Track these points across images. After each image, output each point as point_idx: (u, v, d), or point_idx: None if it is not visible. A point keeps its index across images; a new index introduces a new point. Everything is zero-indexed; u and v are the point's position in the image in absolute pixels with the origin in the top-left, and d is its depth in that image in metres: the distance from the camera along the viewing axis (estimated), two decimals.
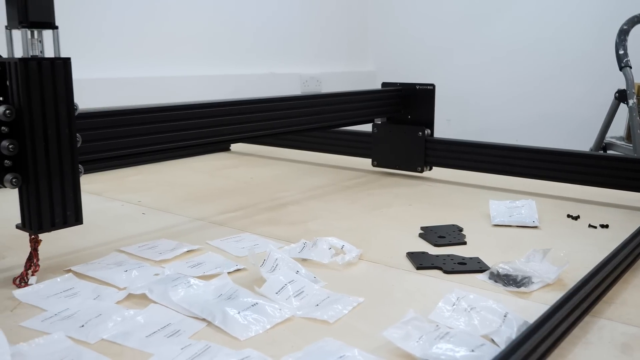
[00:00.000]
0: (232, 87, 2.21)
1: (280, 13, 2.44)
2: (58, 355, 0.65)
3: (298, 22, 2.53)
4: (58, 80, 0.83)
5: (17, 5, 0.79)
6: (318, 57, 2.64)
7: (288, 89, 2.45)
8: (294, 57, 2.52)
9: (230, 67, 2.27)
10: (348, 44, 2.82)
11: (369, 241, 1.04)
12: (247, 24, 2.31)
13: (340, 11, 2.74)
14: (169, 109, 1.03)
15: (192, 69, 2.12)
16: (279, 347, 0.67)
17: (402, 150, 1.57)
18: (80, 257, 0.97)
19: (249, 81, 2.29)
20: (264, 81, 2.35)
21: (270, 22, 2.40)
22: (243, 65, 2.32)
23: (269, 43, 2.41)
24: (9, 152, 0.81)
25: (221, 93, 2.15)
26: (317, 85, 2.57)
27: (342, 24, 2.77)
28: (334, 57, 2.74)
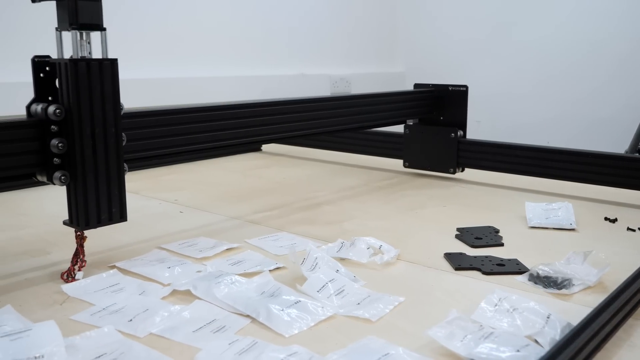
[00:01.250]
0: (263, 87, 2.23)
1: (310, 14, 2.45)
2: (109, 348, 0.66)
3: (328, 23, 2.54)
4: (105, 81, 0.85)
5: (68, 8, 0.81)
6: (348, 58, 2.65)
7: (318, 89, 2.46)
8: (324, 58, 2.54)
9: (262, 68, 2.28)
10: (377, 45, 2.82)
11: (406, 242, 1.04)
12: (278, 25, 2.33)
13: (370, 12, 2.75)
14: (209, 109, 1.04)
15: (224, 69, 2.14)
16: (323, 344, 0.68)
17: (434, 151, 1.57)
18: (123, 254, 0.99)
19: (279, 82, 2.30)
20: (294, 82, 2.37)
21: (301, 24, 2.42)
22: (274, 66, 2.33)
23: (300, 44, 2.43)
24: (58, 150, 0.83)
25: (252, 94, 2.17)
26: (346, 86, 2.58)
27: (371, 25, 2.77)
28: (364, 58, 2.74)
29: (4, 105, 1.53)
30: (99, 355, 0.65)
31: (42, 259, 0.97)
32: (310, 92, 2.42)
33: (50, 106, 0.82)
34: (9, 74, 1.57)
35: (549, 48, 2.66)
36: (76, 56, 0.83)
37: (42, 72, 0.85)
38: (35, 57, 0.85)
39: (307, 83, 2.43)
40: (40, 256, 0.98)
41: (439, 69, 2.88)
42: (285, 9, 2.35)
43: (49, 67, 0.85)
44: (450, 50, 2.87)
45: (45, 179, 0.85)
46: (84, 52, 0.84)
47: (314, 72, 2.47)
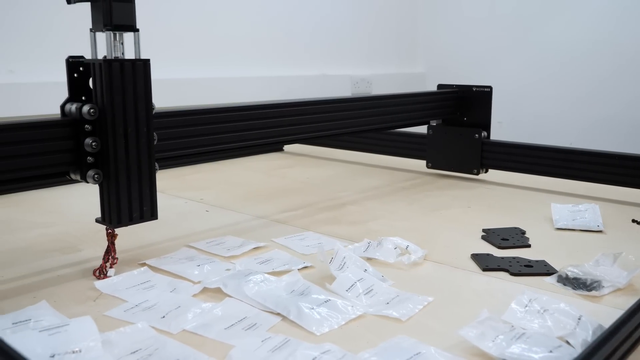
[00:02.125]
0: (285, 88, 2.24)
1: (332, 15, 2.46)
2: (144, 344, 0.67)
3: (349, 24, 2.54)
4: (138, 81, 0.86)
5: (103, 9, 0.83)
6: (368, 58, 2.65)
7: (339, 90, 2.47)
8: (345, 59, 2.54)
9: (284, 68, 2.29)
10: (398, 46, 2.82)
11: (432, 242, 1.05)
12: (300, 26, 2.34)
13: (390, 13, 2.75)
14: (237, 109, 1.05)
15: (247, 70, 2.16)
16: (354, 342, 0.69)
17: (458, 152, 1.57)
18: (152, 252, 1.00)
19: (301, 82, 2.31)
20: (315, 82, 2.37)
21: (322, 25, 2.42)
22: (296, 67, 2.34)
23: (321, 45, 2.43)
24: (92, 149, 0.84)
25: (274, 94, 2.18)
26: (367, 86, 2.58)
27: (392, 25, 2.77)
28: (384, 59, 2.74)
29: (36, 105, 1.56)
30: (134, 350, 0.66)
31: (73, 256, 0.98)
32: (331, 93, 2.42)
33: (84, 106, 0.83)
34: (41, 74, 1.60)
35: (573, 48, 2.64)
36: (110, 56, 0.84)
37: (76, 72, 0.87)
38: (70, 57, 0.86)
39: (329, 83, 2.43)
40: (71, 253, 1.00)
41: (459, 70, 2.87)
42: (306, 10, 2.36)
43: (82, 68, 0.87)
44: (470, 50, 2.86)
45: (78, 177, 0.87)
46: (117, 53, 0.85)
47: (335, 72, 2.48)
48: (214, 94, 1.95)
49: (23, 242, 1.06)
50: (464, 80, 1.66)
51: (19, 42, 1.57)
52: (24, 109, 1.54)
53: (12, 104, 1.53)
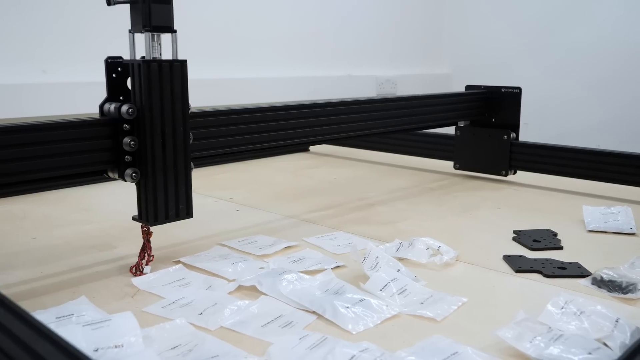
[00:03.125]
0: (311, 88, 2.25)
1: (357, 16, 2.46)
2: (183, 339, 0.69)
3: (375, 24, 2.54)
4: (175, 81, 0.87)
5: (142, 11, 0.84)
6: (393, 59, 2.65)
7: (363, 90, 2.47)
8: (370, 60, 2.54)
9: (309, 69, 2.30)
10: (423, 47, 2.81)
11: (463, 243, 1.04)
12: (325, 27, 2.34)
13: (416, 14, 2.74)
14: (272, 109, 1.06)
15: (272, 70, 2.17)
16: (390, 341, 0.69)
17: (486, 153, 1.56)
18: (186, 249, 1.02)
19: (326, 83, 2.32)
20: (340, 83, 2.38)
21: (348, 25, 2.43)
22: (321, 67, 2.35)
23: (347, 46, 2.44)
24: (130, 148, 0.86)
25: (300, 94, 2.19)
26: (392, 87, 2.58)
27: (418, 26, 2.77)
28: (409, 60, 2.74)
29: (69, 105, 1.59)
30: (174, 346, 0.67)
31: (109, 253, 1.00)
32: (356, 93, 2.42)
33: (123, 105, 0.85)
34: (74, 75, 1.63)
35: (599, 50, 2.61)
36: (148, 57, 0.86)
37: (114, 73, 0.88)
38: (109, 58, 0.88)
39: (354, 84, 2.44)
40: (107, 250, 1.02)
41: (485, 71, 2.86)
42: (332, 10, 2.36)
43: (121, 68, 0.88)
44: (496, 51, 2.84)
45: (116, 175, 0.88)
46: (155, 54, 0.86)
47: (361, 73, 2.48)
48: (239, 94, 1.97)
49: (60, 239, 1.08)
50: (490, 81, 1.65)
51: (52, 43, 1.60)
52: (56, 108, 1.57)
53: (45, 104, 1.56)
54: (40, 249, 1.03)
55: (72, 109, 1.59)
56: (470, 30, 2.91)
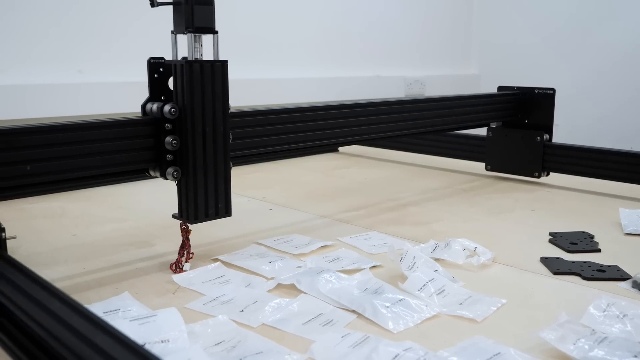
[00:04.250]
0: (339, 89, 2.25)
1: (385, 16, 2.46)
2: (227, 336, 0.70)
3: (403, 25, 2.54)
4: (216, 81, 0.89)
5: (185, 12, 0.86)
6: (422, 60, 2.64)
7: (392, 91, 2.47)
8: (399, 60, 2.54)
9: (337, 69, 2.31)
10: (452, 47, 2.80)
11: (498, 244, 1.04)
12: (353, 27, 2.35)
13: (444, 14, 2.73)
14: (310, 109, 1.07)
15: (300, 71, 2.18)
16: (431, 341, 0.69)
17: (519, 155, 1.55)
18: (222, 248, 1.03)
19: (354, 84, 2.32)
20: (369, 84, 2.38)
21: (376, 26, 2.43)
22: (349, 68, 2.35)
23: (375, 46, 2.44)
24: (171, 147, 0.87)
25: (329, 95, 2.20)
26: (420, 88, 2.57)
27: (446, 26, 2.75)
28: (438, 60, 2.73)
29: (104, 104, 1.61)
30: (218, 342, 0.68)
31: (147, 250, 1.02)
32: (384, 94, 2.42)
33: (165, 105, 0.86)
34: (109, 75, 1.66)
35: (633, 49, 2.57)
36: (190, 58, 0.87)
37: (156, 73, 0.90)
38: (151, 58, 0.90)
39: (382, 84, 2.44)
40: (145, 247, 1.04)
41: (513, 71, 2.83)
42: (361, 11, 2.37)
43: (162, 68, 0.90)
44: (526, 52, 2.82)
45: (158, 174, 0.90)
46: (197, 54, 0.88)
47: (389, 74, 2.48)
48: (268, 94, 1.98)
49: (99, 236, 1.10)
50: (519, 82, 1.64)
51: (87, 44, 1.63)
52: (92, 108, 1.60)
53: (80, 103, 1.59)
54: (80, 245, 1.05)
55: (106, 109, 1.62)
56: (500, 31, 2.89)
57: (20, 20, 1.50)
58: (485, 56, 2.92)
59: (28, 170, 0.77)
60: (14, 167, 0.76)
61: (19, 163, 0.76)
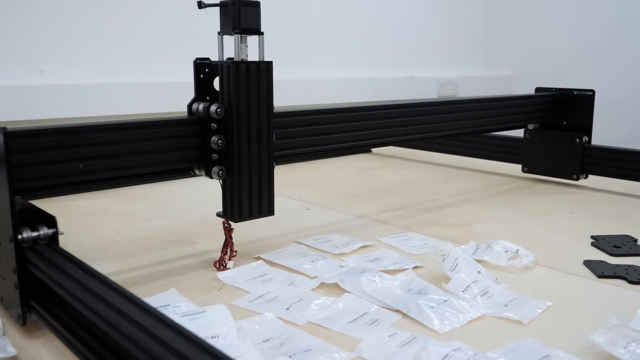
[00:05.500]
0: (371, 90, 2.25)
1: (418, 17, 2.45)
2: (274, 333, 0.71)
3: (435, 25, 2.53)
4: (262, 82, 0.90)
5: (232, 14, 0.87)
6: (454, 60, 2.63)
7: (424, 92, 2.46)
8: (432, 61, 2.53)
9: (370, 70, 2.31)
10: (485, 48, 2.78)
11: (539, 247, 1.03)
12: (386, 28, 2.34)
13: (478, 15, 2.71)
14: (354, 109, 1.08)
15: (333, 72, 2.18)
16: (478, 342, 0.69)
17: (557, 157, 1.54)
18: (263, 246, 1.04)
19: (386, 84, 2.32)
20: (401, 84, 2.38)
21: (409, 26, 2.42)
22: (382, 69, 2.35)
23: (408, 47, 2.43)
24: (217, 146, 0.89)
25: (362, 96, 2.20)
26: (453, 89, 2.56)
27: (479, 27, 2.74)
28: (471, 61, 2.71)
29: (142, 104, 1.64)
30: (266, 339, 0.69)
31: (190, 248, 1.04)
32: (416, 95, 2.42)
33: (212, 105, 0.88)
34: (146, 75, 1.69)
35: None
36: (237, 59, 0.88)
37: (202, 74, 0.91)
38: (197, 59, 0.91)
39: (414, 85, 2.43)
40: (187, 245, 1.05)
41: (548, 73, 2.80)
42: (394, 11, 2.37)
43: (208, 69, 0.91)
44: (561, 53, 2.78)
45: (203, 173, 0.91)
46: (243, 55, 0.89)
47: (422, 74, 2.48)
48: (301, 95, 1.99)
49: (142, 233, 1.12)
50: (553, 83, 1.62)
51: (127, 45, 1.66)
52: (130, 107, 1.63)
53: (119, 103, 1.62)
54: (124, 242, 1.07)
55: (145, 109, 1.65)
56: (534, 32, 2.86)
57: (64, 22, 1.53)
58: (518, 57, 2.90)
59: (81, 168, 0.79)
60: (68, 164, 0.78)
61: (72, 161, 0.78)
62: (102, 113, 1.58)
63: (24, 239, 0.69)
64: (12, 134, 0.68)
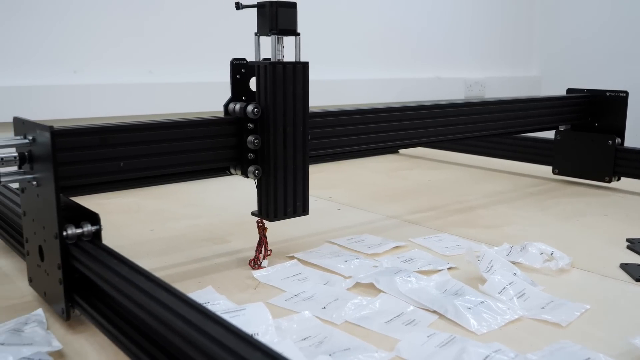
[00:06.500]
0: (398, 90, 2.25)
1: (445, 17, 2.44)
2: (312, 331, 0.71)
3: (463, 26, 2.51)
4: (297, 82, 0.90)
5: (269, 15, 0.88)
6: (482, 61, 2.61)
7: (451, 93, 2.45)
8: (459, 62, 2.52)
9: (397, 71, 2.31)
10: (512, 49, 2.76)
11: (574, 249, 1.02)
12: (413, 28, 2.34)
13: (505, 15, 2.69)
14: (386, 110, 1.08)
15: (359, 72, 2.19)
16: (517, 344, 0.69)
17: (589, 158, 1.52)
18: (296, 245, 1.05)
19: (413, 85, 2.31)
20: (428, 85, 2.37)
21: (435, 27, 2.41)
22: (409, 69, 2.35)
23: (435, 47, 2.43)
24: (253, 146, 0.90)
25: (388, 96, 2.20)
26: (480, 90, 2.54)
27: (507, 28, 2.72)
28: (498, 62, 2.69)
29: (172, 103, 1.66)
30: (304, 337, 0.70)
31: (224, 246, 1.05)
32: (444, 96, 2.41)
33: (248, 105, 0.89)
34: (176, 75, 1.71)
35: None
36: (274, 59, 0.89)
37: (238, 74, 0.92)
38: (234, 59, 0.92)
39: (442, 86, 2.42)
40: (221, 244, 1.06)
41: (577, 74, 2.77)
42: (421, 12, 2.36)
43: (244, 69, 0.92)
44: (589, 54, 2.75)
45: (239, 172, 0.92)
46: (279, 56, 0.90)
47: (449, 75, 2.46)
48: (328, 95, 1.99)
49: (176, 232, 1.13)
50: (582, 84, 1.61)
51: (158, 45, 1.68)
52: (160, 107, 1.65)
53: (150, 102, 1.64)
54: (159, 240, 1.08)
55: (174, 109, 1.67)
56: (562, 32, 2.83)
57: (97, 23, 1.56)
58: (546, 58, 2.87)
59: (121, 167, 0.80)
60: (109, 163, 0.79)
61: (113, 159, 0.79)
62: (133, 113, 1.60)
63: (69, 235, 0.71)
64: (58, 132, 0.70)
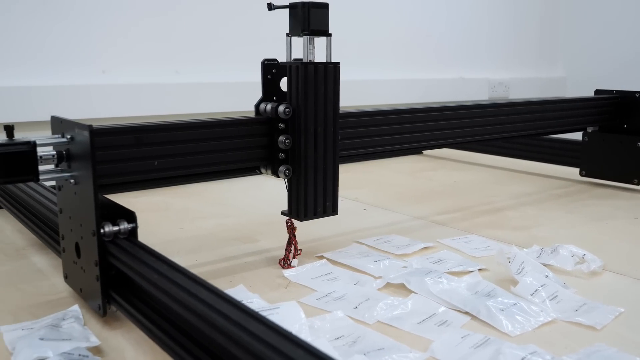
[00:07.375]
0: (421, 91, 2.24)
1: (469, 18, 2.43)
2: (345, 331, 0.71)
3: (487, 26, 2.50)
4: (328, 83, 0.91)
5: (302, 16, 0.88)
6: (506, 62, 2.60)
7: (476, 94, 2.44)
8: (482, 62, 2.50)
9: (421, 71, 2.30)
10: (538, 50, 2.74)
11: (605, 252, 1.01)
12: (437, 29, 2.33)
13: (530, 15, 2.67)
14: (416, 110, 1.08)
15: (383, 72, 2.18)
16: (551, 346, 0.69)
17: (617, 161, 1.50)
18: (325, 245, 1.05)
19: (437, 85, 2.31)
20: (451, 86, 2.36)
21: (459, 27, 2.40)
22: (433, 70, 2.34)
23: (458, 48, 2.42)
24: (284, 146, 0.90)
25: (412, 97, 2.20)
26: (505, 90, 2.53)
27: (532, 28, 2.70)
28: (522, 63, 2.67)
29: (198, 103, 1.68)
30: (338, 337, 0.70)
31: (252, 245, 1.05)
32: (467, 96, 2.40)
33: (280, 105, 0.89)
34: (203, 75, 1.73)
35: None
36: (305, 59, 0.90)
37: (269, 74, 0.93)
38: (265, 60, 0.93)
39: (465, 87, 2.41)
40: (250, 243, 1.07)
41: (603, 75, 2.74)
42: (445, 12, 2.35)
43: (275, 70, 0.93)
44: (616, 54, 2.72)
45: (269, 172, 0.93)
46: (311, 56, 0.90)
47: (473, 76, 2.45)
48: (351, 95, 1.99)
49: (204, 231, 1.14)
50: (608, 85, 1.59)
51: (184, 46, 1.69)
52: (186, 107, 1.66)
53: (176, 102, 1.66)
54: (189, 238, 1.10)
55: (200, 108, 1.68)
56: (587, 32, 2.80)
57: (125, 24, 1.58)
58: (572, 58, 2.84)
59: (155, 166, 0.81)
60: (144, 162, 0.80)
61: (148, 158, 0.80)
62: (159, 112, 1.62)
63: (106, 233, 0.72)
64: (97, 131, 0.71)
